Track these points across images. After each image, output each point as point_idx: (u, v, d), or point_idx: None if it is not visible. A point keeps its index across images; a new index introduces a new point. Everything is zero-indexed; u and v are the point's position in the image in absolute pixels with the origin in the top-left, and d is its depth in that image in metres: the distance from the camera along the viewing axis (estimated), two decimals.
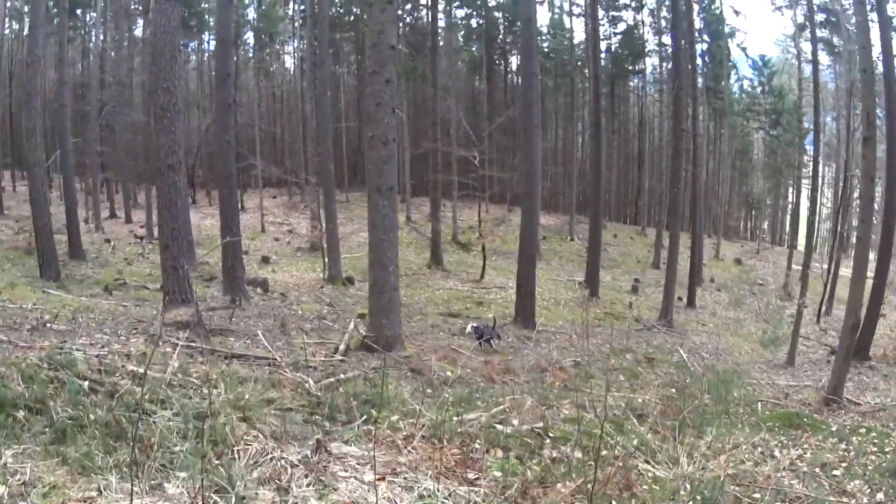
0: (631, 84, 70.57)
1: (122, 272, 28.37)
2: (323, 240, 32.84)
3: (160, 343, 11.51)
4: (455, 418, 9.18)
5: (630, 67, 64.47)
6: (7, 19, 57.44)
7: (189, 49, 64.23)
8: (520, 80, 68.92)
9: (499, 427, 9.12)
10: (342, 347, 15.15)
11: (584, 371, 16.82)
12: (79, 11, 56.56)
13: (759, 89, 64.90)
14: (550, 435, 9.12)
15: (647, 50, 64.27)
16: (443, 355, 16.59)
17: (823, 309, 34.62)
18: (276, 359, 12.40)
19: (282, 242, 42.76)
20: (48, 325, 13.27)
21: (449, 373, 14.31)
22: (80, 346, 10.37)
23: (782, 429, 12.25)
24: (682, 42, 33.21)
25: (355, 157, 62.00)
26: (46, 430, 6.71)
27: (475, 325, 21.07)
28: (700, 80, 51.67)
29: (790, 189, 69.94)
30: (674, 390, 14.78)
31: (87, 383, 7.89)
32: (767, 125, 64.13)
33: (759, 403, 15.03)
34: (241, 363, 11.58)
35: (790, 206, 71.85)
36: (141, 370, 8.64)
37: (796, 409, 14.85)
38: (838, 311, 32.27)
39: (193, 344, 12.13)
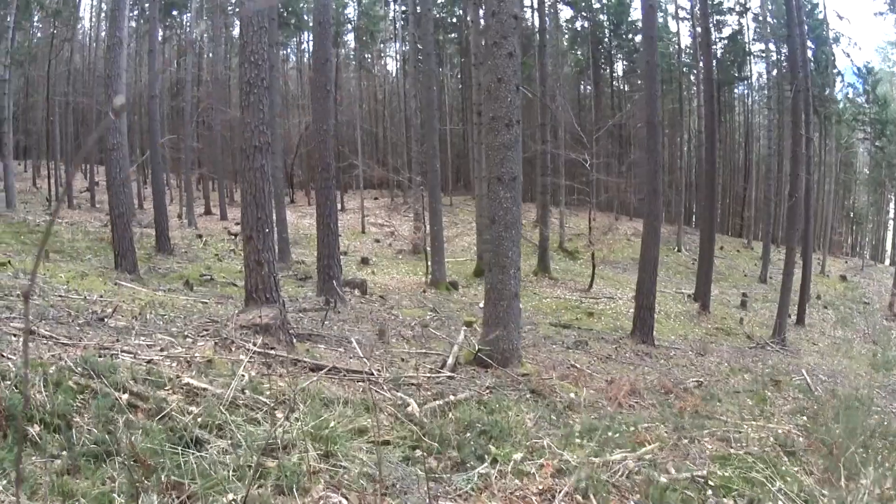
0: (736, 91, 68.07)
1: (211, 268, 27.18)
2: (426, 242, 31.66)
3: (232, 349, 9.54)
4: (595, 458, 7.44)
5: (736, 74, 61.59)
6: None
7: (288, 50, 63.26)
8: (626, 86, 68.15)
9: (652, 474, 7.21)
10: (451, 361, 12.96)
11: (709, 392, 15.07)
12: (175, 12, 56.30)
13: (863, 98, 61.25)
14: (711, 484, 7.43)
15: (752, 55, 61.85)
16: (563, 373, 14.43)
17: None
18: (371, 373, 10.22)
19: (382, 244, 41.48)
20: (106, 319, 11.12)
21: (573, 394, 12.20)
22: (133, 348, 8.55)
23: None
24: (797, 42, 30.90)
25: (458, 161, 60.61)
26: (62, 454, 5.20)
27: None
28: None
29: (891, 203, 68.65)
30: (805, 418, 13.02)
31: (126, 396, 6.32)
32: (872, 136, 60.48)
33: None
34: (328, 377, 9.54)
35: (892, 221, 70.38)
36: (200, 383, 6.74)
37: None
38: None
39: (272, 351, 10.07)
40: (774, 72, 58.81)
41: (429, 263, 29.51)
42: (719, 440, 9.65)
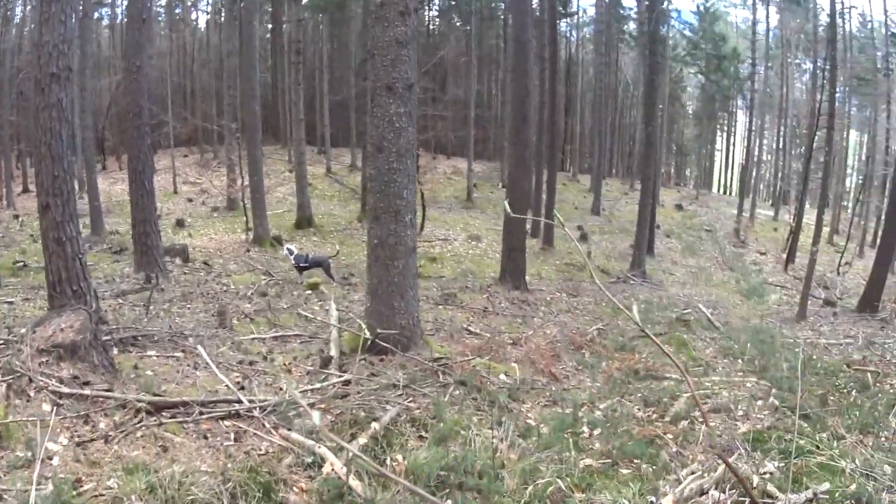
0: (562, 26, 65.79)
1: (26, 252, 22.45)
2: (243, 196, 28.27)
3: (31, 393, 6.16)
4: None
5: (562, 10, 59.55)
6: None
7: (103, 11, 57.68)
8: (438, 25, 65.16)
9: None
10: (334, 353, 9.76)
11: (622, 344, 14.13)
12: None
13: (699, 35, 61.19)
14: None
15: None
16: (471, 346, 11.89)
17: (786, 257, 33.55)
18: (240, 400, 6.91)
19: (196, 203, 37.48)
20: None
21: (503, 376, 9.95)
22: None
23: None
24: None
25: (266, 112, 56.25)
26: None
27: (293, 247, 18.87)
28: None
29: (718, 136, 70.14)
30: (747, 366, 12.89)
31: None
32: (707, 70, 60.50)
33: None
34: (178, 422, 6.34)
35: (718, 152, 71.55)
36: None
37: None
38: (801, 258, 31.65)
39: (86, 389, 6.54)
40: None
41: (249, 219, 26.49)
42: (724, 415, 8.77)
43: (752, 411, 9.06)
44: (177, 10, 60.43)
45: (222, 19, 50.44)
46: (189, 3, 60.55)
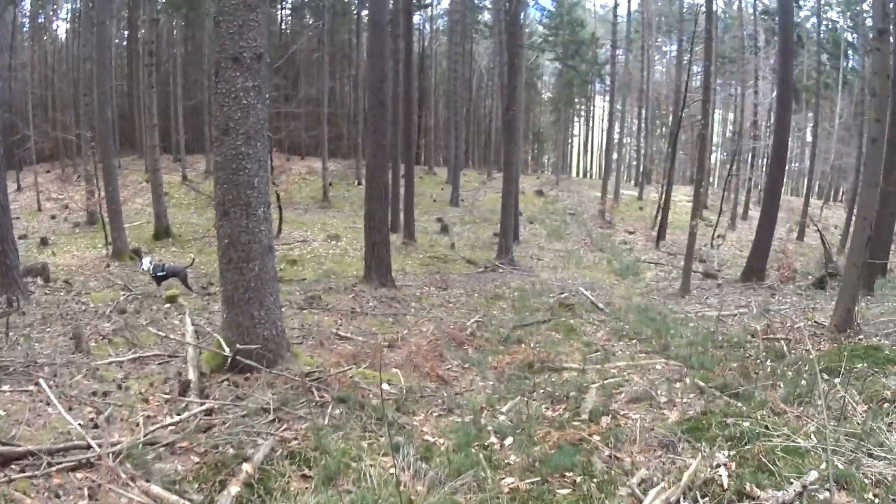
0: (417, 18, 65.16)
1: None
2: (101, 208, 26.52)
3: None
4: None
5: (416, 1, 58.77)
6: None
7: None
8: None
9: None
10: (192, 376, 8.30)
11: (507, 336, 13.26)
12: None
13: (556, 21, 61.27)
14: None
15: None
16: (344, 353, 10.55)
17: (657, 233, 33.59)
18: (90, 445, 5.68)
19: (59, 220, 35.52)
20: None
21: (386, 385, 8.78)
22: None
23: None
24: None
25: (123, 122, 54.19)
26: None
27: (150, 259, 17.68)
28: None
29: (575, 121, 71.67)
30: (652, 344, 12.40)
31: None
32: (564, 56, 60.67)
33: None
34: (26, 477, 5.28)
35: (574, 137, 73.32)
36: None
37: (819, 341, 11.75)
38: (671, 235, 33.30)
39: None
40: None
41: (107, 233, 24.78)
42: (646, 404, 8.08)
43: (675, 396, 8.29)
44: (39, 20, 57.18)
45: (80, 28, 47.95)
46: (51, 13, 57.65)
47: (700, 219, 25.25)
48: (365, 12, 43.00)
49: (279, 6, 58.10)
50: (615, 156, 51.71)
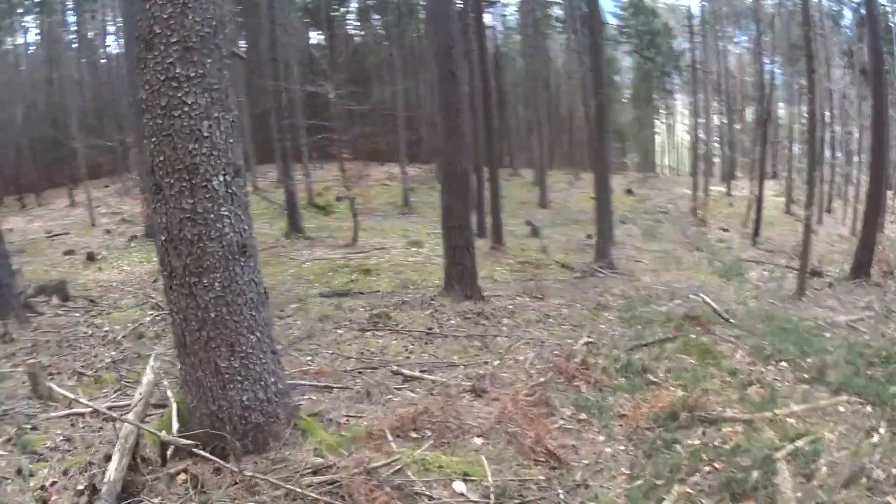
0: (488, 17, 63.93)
1: None
2: None
3: None
4: None
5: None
6: None
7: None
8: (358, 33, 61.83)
9: None
10: (114, 472, 4.78)
11: (623, 361, 9.81)
12: None
13: (629, 11, 59.51)
14: None
15: None
16: (407, 414, 6.80)
17: (752, 231, 32.92)
18: None
19: (114, 234, 33.96)
20: None
21: (461, 483, 5.38)
22: None
23: None
24: None
25: None
26: None
27: None
28: None
29: (656, 118, 68.96)
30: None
31: None
32: (640, 47, 58.77)
33: None
34: None
35: (656, 135, 70.63)
36: None
37: None
38: (766, 232, 32.46)
39: None
40: None
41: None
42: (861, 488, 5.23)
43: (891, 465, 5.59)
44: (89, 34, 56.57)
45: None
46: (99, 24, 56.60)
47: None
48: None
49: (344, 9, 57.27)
50: (702, 150, 49.03)
